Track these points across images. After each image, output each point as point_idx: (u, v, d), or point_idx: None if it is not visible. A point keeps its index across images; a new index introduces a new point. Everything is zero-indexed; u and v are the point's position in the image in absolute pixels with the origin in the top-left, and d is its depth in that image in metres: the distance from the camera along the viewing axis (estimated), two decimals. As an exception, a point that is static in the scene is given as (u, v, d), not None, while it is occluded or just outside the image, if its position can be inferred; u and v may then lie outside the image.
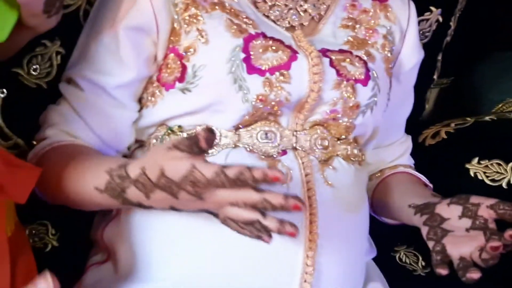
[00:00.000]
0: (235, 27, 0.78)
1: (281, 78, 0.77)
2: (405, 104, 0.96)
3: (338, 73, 0.79)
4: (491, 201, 0.72)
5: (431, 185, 0.95)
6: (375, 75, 0.83)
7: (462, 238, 0.70)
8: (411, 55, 0.91)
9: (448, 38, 1.19)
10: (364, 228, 0.84)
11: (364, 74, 0.81)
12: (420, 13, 1.10)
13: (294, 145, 0.79)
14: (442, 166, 1.09)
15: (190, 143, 0.61)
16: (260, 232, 0.62)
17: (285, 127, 0.79)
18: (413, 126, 1.14)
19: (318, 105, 0.79)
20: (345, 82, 0.79)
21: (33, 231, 0.93)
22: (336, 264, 0.77)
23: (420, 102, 1.18)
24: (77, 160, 0.75)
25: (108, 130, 0.81)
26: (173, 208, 0.66)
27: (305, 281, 0.74)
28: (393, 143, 0.97)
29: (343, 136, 0.83)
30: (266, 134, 0.78)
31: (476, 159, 1.07)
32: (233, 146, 0.78)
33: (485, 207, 0.71)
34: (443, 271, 0.69)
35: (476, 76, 1.40)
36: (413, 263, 1.09)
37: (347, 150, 0.83)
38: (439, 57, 1.19)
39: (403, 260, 1.10)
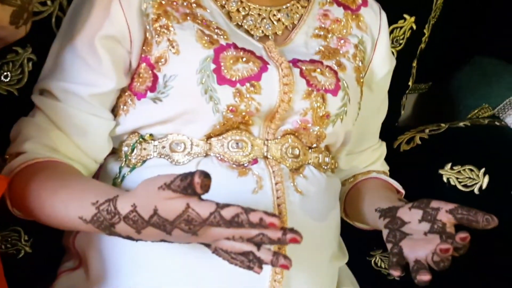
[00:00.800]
0: (206, 38, 0.78)
1: (252, 89, 0.77)
2: (379, 111, 0.97)
3: (308, 83, 0.80)
4: (450, 206, 0.72)
5: (402, 191, 0.95)
6: (345, 85, 0.83)
7: (420, 241, 0.70)
8: (383, 63, 0.92)
9: (423, 45, 1.20)
10: (333, 235, 0.85)
11: (334, 84, 0.82)
12: (393, 20, 1.12)
13: (265, 154, 0.79)
14: (416, 171, 1.10)
15: (184, 185, 0.60)
16: (251, 262, 0.61)
17: (256, 136, 0.79)
18: (389, 132, 1.15)
19: (289, 115, 0.80)
20: (315, 92, 0.80)
21: (6, 238, 0.92)
22: (305, 272, 0.77)
23: (396, 108, 1.19)
24: (59, 184, 0.73)
25: (87, 140, 0.80)
26: (164, 241, 0.66)
27: (274, 281, 0.75)
28: (366, 149, 0.98)
29: (314, 145, 0.83)
30: (237, 143, 0.78)
31: (449, 165, 1.08)
32: (204, 155, 0.78)
33: (444, 212, 0.72)
34: (396, 273, 0.69)
35: (454, 81, 1.41)
36: (387, 267, 1.10)
37: (318, 159, 0.84)
38: (414, 64, 1.20)
39: (378, 264, 1.11)
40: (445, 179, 1.08)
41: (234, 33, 0.81)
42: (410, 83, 1.20)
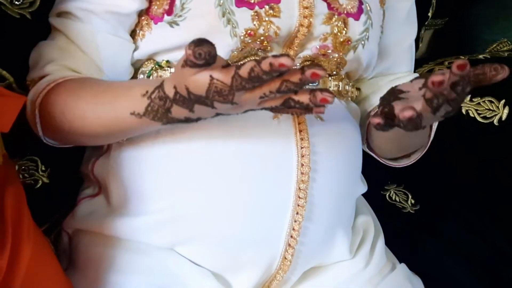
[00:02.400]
0: None
1: (271, 11, 0.75)
2: (405, 32, 0.91)
3: (329, 6, 0.77)
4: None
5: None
6: (368, 8, 0.81)
7: (414, 100, 0.65)
8: None
9: (444, -25, 1.16)
10: (357, 161, 0.84)
11: (357, 8, 0.79)
12: None
13: None
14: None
15: (197, 56, 0.58)
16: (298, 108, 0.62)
17: None
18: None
19: (308, 40, 0.78)
20: (336, 16, 0.77)
21: (23, 167, 0.92)
22: (328, 197, 0.77)
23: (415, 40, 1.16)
24: (97, 90, 0.72)
25: (110, 63, 0.78)
26: (217, 114, 0.65)
27: (297, 213, 0.75)
28: (393, 75, 0.93)
29: (334, 72, 0.82)
30: None
31: (468, 97, 1.07)
32: None
33: (449, 73, 0.64)
34: (377, 120, 0.65)
35: (470, 16, 1.37)
36: (402, 201, 1.10)
37: (339, 87, 0.82)
38: (434, -6, 1.17)
39: (393, 198, 1.11)
40: (464, 111, 1.06)
41: None
42: (429, 14, 1.17)
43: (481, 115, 1.05)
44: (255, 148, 0.73)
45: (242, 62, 0.59)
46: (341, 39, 0.78)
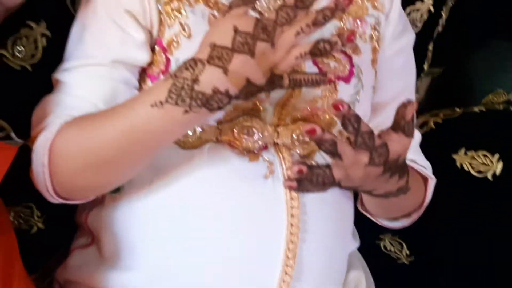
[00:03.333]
0: None
1: None
2: (399, 86, 0.92)
3: (320, 70, 0.79)
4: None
5: (430, 178, 0.91)
6: (360, 70, 0.82)
7: None
8: (394, 38, 0.89)
9: (440, 28, 1.18)
10: (348, 219, 0.85)
11: (348, 71, 0.81)
12: (411, 2, 1.11)
13: (275, 140, 0.79)
14: (428, 155, 1.08)
15: None
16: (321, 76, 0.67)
17: (267, 122, 0.79)
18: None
19: (299, 102, 0.79)
20: (333, 76, 0.79)
21: (18, 213, 0.93)
22: (318, 256, 0.78)
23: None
24: (107, 110, 0.71)
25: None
26: (247, 83, 0.65)
27: (285, 273, 0.75)
28: None
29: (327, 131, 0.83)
30: (247, 130, 0.78)
31: (463, 150, 1.07)
32: (215, 140, 0.77)
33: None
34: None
35: (469, 65, 1.39)
36: (397, 251, 1.10)
37: None
38: (430, 47, 1.18)
39: (388, 248, 1.11)
40: (458, 164, 1.07)
41: None
42: (425, 66, 1.18)
43: (475, 169, 1.06)
44: (245, 207, 0.74)
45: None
46: (331, 102, 0.80)
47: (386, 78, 0.89)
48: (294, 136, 0.79)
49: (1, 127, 0.85)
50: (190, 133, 0.77)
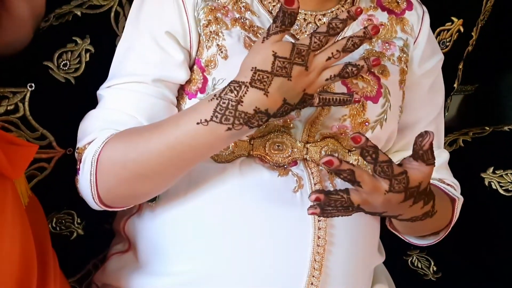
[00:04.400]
0: (252, 44, 0.79)
1: None
2: (426, 107, 0.94)
3: (349, 90, 0.81)
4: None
5: (457, 198, 0.91)
6: (387, 91, 0.84)
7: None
8: (422, 61, 0.91)
9: (470, 48, 1.19)
10: (374, 234, 0.87)
11: (376, 91, 0.83)
12: (441, 23, 1.12)
13: (305, 156, 0.82)
14: (457, 174, 1.10)
15: (280, 20, 0.69)
16: (347, 97, 0.72)
17: (297, 139, 0.82)
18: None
19: (328, 120, 0.82)
20: (361, 97, 0.80)
21: (60, 220, 0.97)
22: (344, 269, 0.79)
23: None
24: (152, 126, 0.75)
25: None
26: (284, 103, 0.70)
27: (311, 283, 0.77)
28: None
29: (354, 148, 0.85)
30: (278, 145, 0.81)
31: (491, 169, 1.08)
32: (247, 154, 0.81)
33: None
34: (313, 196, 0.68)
35: (499, 84, 1.40)
36: (424, 268, 1.11)
37: (358, 161, 0.85)
38: (460, 66, 1.19)
39: (415, 264, 1.12)
40: (486, 183, 1.08)
41: None
42: (455, 85, 1.19)
43: (503, 188, 1.07)
44: (274, 219, 0.77)
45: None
46: (359, 121, 0.82)
47: (414, 99, 0.91)
48: (323, 153, 0.82)
49: (44, 136, 0.90)
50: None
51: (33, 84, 0.88)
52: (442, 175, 0.92)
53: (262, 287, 0.77)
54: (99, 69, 0.89)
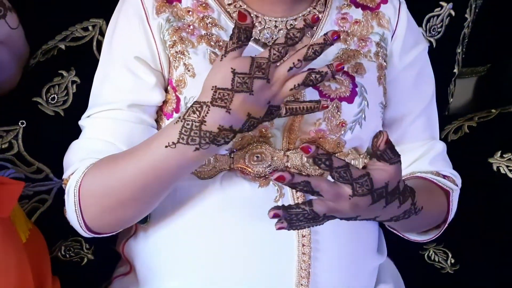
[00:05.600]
0: None
1: None
2: (412, 101, 0.90)
3: (320, 94, 0.80)
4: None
5: (451, 189, 0.88)
6: (363, 89, 0.82)
7: None
8: (402, 53, 0.88)
9: (466, 30, 1.15)
10: (368, 235, 0.85)
11: (350, 91, 0.81)
12: (429, 9, 1.09)
13: (286, 164, 0.81)
14: (464, 161, 1.06)
15: (236, 36, 0.69)
16: (315, 103, 0.72)
17: (276, 147, 0.81)
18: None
19: (304, 126, 0.81)
20: (328, 102, 0.79)
21: (68, 247, 0.99)
22: (333, 274, 0.79)
23: (442, 97, 1.15)
24: (131, 149, 0.76)
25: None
26: (248, 117, 0.70)
27: None
28: (407, 147, 0.90)
29: (337, 151, 0.83)
30: (257, 156, 0.80)
31: (499, 153, 1.04)
32: (228, 168, 0.81)
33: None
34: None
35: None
36: (442, 261, 1.08)
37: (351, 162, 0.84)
38: (458, 50, 1.16)
39: (432, 258, 1.09)
40: (495, 168, 1.04)
41: (249, 50, 0.82)
42: (455, 70, 1.16)
43: (513, 172, 1.03)
44: (257, 231, 0.77)
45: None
46: (336, 123, 0.81)
47: (399, 92, 0.89)
48: (304, 159, 0.81)
49: (41, 169, 0.93)
50: (205, 162, 0.81)
51: (24, 121, 0.92)
52: (437, 167, 0.89)
53: None
54: (86, 98, 0.90)
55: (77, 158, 0.81)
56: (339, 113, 0.80)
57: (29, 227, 0.87)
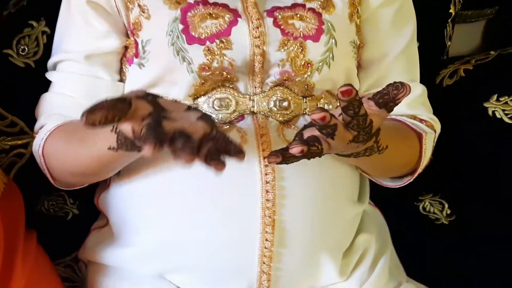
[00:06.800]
0: None
1: (222, 45, 0.75)
2: (391, 39, 0.85)
3: (283, 32, 0.76)
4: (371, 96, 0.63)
5: (424, 132, 0.83)
6: (330, 27, 0.78)
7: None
8: None
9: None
10: (344, 182, 0.81)
11: (316, 29, 0.77)
12: None
13: (252, 109, 0.78)
14: (459, 107, 1.01)
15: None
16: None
17: (242, 92, 0.78)
18: (432, 66, 1.06)
19: (268, 67, 0.77)
20: (291, 41, 0.76)
21: (52, 202, 0.99)
22: (302, 222, 0.75)
23: (439, 40, 1.09)
24: (82, 134, 0.76)
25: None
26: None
27: (266, 239, 0.74)
28: None
29: (307, 94, 0.80)
30: (220, 102, 0.77)
31: (495, 96, 0.98)
32: None
33: (366, 99, 0.63)
34: (295, 149, 0.60)
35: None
36: (437, 212, 1.04)
37: (317, 106, 0.80)
38: (454, -11, 1.09)
39: (427, 209, 1.05)
40: (490, 113, 0.98)
41: None
42: (451, 11, 1.08)
43: (509, 116, 0.97)
44: (221, 180, 0.72)
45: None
46: (301, 63, 0.77)
47: (375, 32, 0.84)
48: (272, 103, 0.78)
49: (15, 122, 0.91)
50: None
51: (-5, 74, 0.90)
52: (415, 111, 0.85)
53: (220, 248, 0.75)
54: (57, 49, 0.89)
55: (44, 111, 0.82)
56: (303, 52, 0.76)
57: (4, 181, 0.86)
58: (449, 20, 1.09)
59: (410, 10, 0.87)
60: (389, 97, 0.60)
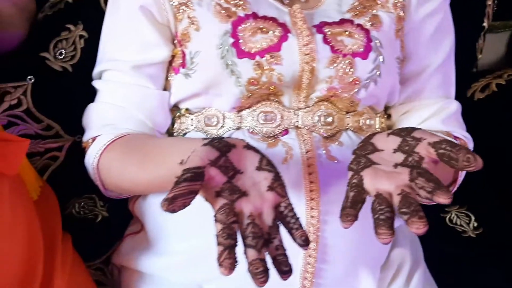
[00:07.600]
0: (223, 11, 0.77)
1: (272, 60, 0.76)
2: (429, 54, 0.85)
3: (332, 49, 0.76)
4: (436, 138, 0.60)
5: None
6: (378, 44, 0.78)
7: (386, 173, 0.59)
8: (422, 1, 0.82)
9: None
10: None
11: (364, 46, 0.77)
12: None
13: (296, 123, 0.78)
14: (491, 121, 1.01)
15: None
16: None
17: (287, 105, 0.78)
18: (463, 79, 1.06)
19: (315, 82, 0.77)
20: (340, 58, 0.76)
21: (82, 204, 0.99)
22: (343, 238, 0.75)
23: (470, 53, 1.09)
24: (141, 155, 0.77)
25: (145, 111, 0.81)
26: None
27: (309, 255, 0.74)
28: (421, 105, 0.86)
29: (351, 110, 0.80)
30: (265, 115, 0.78)
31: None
32: (236, 128, 0.79)
33: (426, 144, 0.59)
34: (345, 224, 0.60)
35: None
36: (464, 224, 1.04)
37: (359, 122, 0.80)
38: (489, 2, 1.08)
39: (453, 221, 1.05)
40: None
41: (256, 1, 0.78)
42: (485, 24, 1.09)
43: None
44: None
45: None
46: (349, 80, 0.77)
47: (417, 45, 0.84)
48: (316, 118, 0.78)
49: (50, 126, 0.91)
50: (214, 122, 0.78)
51: (32, 77, 0.90)
52: (449, 127, 0.85)
53: None
54: (94, 53, 0.89)
55: (95, 122, 0.82)
56: (352, 70, 0.76)
57: (40, 185, 0.86)
58: (482, 33, 1.09)
59: (450, 22, 0.87)
60: (456, 163, 0.57)
